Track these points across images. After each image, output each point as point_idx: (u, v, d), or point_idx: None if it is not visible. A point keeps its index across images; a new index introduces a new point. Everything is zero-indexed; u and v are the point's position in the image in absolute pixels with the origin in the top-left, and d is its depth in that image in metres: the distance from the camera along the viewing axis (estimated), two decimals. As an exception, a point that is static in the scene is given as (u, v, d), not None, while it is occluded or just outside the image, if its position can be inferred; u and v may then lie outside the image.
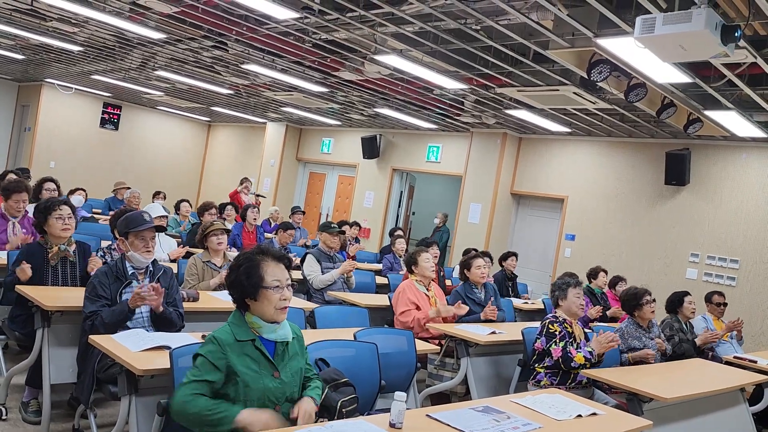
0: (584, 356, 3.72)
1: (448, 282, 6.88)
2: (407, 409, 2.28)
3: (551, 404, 2.82)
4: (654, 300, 4.72)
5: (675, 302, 5.39)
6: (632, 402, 3.44)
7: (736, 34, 3.53)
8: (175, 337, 2.98)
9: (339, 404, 2.53)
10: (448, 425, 2.33)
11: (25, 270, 3.61)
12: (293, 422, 2.28)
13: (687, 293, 5.45)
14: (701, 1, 3.41)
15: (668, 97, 6.09)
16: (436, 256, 6.74)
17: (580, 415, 2.72)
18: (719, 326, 5.76)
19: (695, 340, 5.19)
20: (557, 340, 3.80)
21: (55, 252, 3.81)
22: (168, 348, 2.66)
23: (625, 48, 4.53)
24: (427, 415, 2.43)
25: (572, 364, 3.72)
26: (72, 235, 3.92)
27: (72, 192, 7.70)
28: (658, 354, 4.58)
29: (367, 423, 2.23)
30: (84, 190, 7.90)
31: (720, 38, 3.46)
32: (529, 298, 7.31)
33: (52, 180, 5.97)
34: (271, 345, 2.37)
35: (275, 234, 7.21)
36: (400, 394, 2.23)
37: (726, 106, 5.96)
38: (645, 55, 4.28)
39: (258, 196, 10.09)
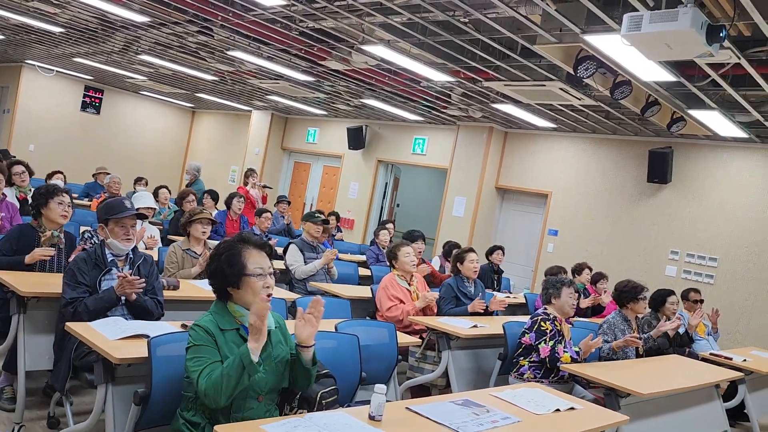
0: (571, 356, 3.77)
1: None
2: (387, 401, 2.28)
3: (530, 398, 2.84)
4: (646, 298, 4.75)
5: (658, 300, 5.41)
6: (610, 397, 3.48)
7: (720, 35, 3.56)
8: (153, 325, 2.94)
9: (319, 396, 2.50)
10: (428, 418, 2.34)
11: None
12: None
13: (671, 293, 5.43)
14: (687, 0, 3.43)
15: (653, 95, 6.13)
16: (420, 251, 6.75)
17: (558, 410, 2.74)
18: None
19: (651, 333, 5.18)
20: (547, 339, 3.83)
21: (48, 237, 3.78)
22: (146, 337, 2.62)
23: (612, 45, 4.54)
24: (407, 407, 2.43)
25: (558, 364, 3.77)
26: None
27: (50, 175, 7.51)
28: (633, 352, 4.62)
29: (347, 415, 2.23)
30: (62, 173, 7.72)
31: (705, 38, 3.49)
32: (510, 293, 7.34)
33: (20, 163, 5.87)
34: None
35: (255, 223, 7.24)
36: (380, 387, 2.23)
37: (709, 106, 6.02)
38: (631, 52, 4.30)
39: (265, 187, 9.81)
